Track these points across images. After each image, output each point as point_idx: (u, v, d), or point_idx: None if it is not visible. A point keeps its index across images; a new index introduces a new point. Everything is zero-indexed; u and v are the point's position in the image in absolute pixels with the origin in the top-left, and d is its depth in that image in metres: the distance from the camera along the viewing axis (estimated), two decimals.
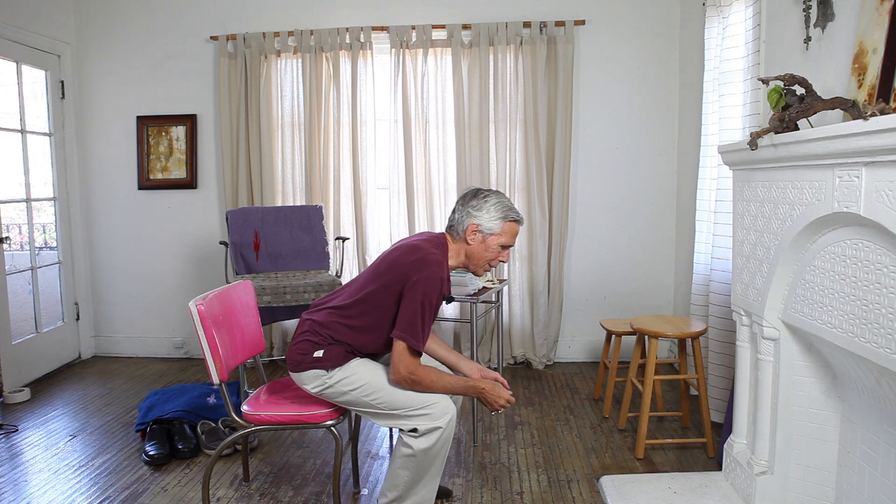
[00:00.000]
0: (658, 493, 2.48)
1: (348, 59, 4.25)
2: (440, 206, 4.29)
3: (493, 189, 2.32)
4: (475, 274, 2.33)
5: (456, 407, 2.23)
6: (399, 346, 2.08)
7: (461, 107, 4.17)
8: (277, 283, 3.48)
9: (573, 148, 4.26)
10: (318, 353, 2.17)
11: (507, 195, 4.21)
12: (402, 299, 2.10)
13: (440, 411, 2.11)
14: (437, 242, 2.26)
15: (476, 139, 4.16)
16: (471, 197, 2.25)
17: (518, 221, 2.28)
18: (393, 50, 4.19)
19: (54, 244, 4.54)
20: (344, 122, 4.28)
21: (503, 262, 2.32)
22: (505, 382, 2.30)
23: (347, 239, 4.23)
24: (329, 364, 2.17)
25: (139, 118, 4.52)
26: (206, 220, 4.57)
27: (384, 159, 4.38)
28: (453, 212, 2.29)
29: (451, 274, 3.12)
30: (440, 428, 2.09)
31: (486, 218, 2.21)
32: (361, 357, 2.24)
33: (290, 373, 2.24)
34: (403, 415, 2.12)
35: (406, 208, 4.28)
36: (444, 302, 2.30)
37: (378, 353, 2.28)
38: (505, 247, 2.27)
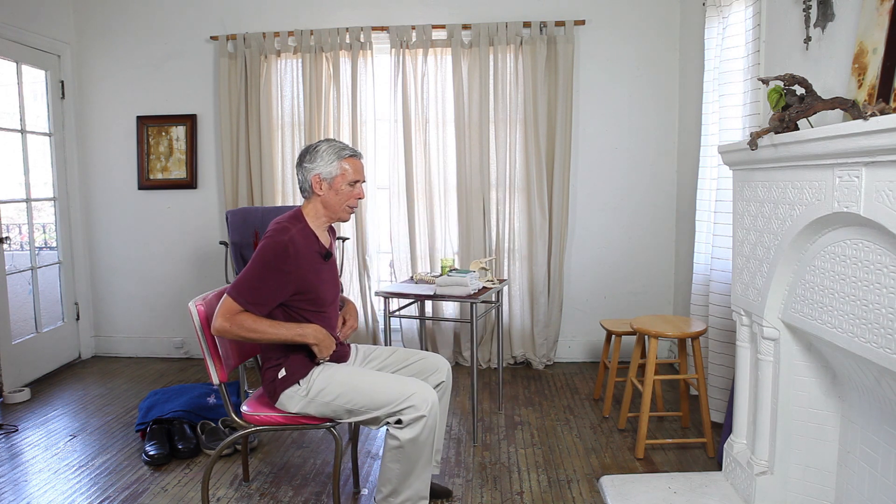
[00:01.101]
0: (658, 493, 2.48)
1: (348, 59, 4.25)
2: (440, 206, 4.29)
3: (324, 139, 2.37)
4: (342, 220, 2.36)
5: (445, 395, 2.27)
6: (224, 301, 2.10)
7: (461, 107, 4.17)
8: None
9: (573, 148, 4.26)
10: (282, 373, 2.20)
11: (507, 195, 4.22)
12: None
13: (421, 400, 2.13)
14: (290, 214, 2.29)
15: (476, 139, 4.16)
16: (303, 155, 2.28)
17: (356, 155, 2.30)
18: (393, 50, 4.19)
19: (54, 244, 4.54)
20: (344, 122, 4.28)
21: (361, 198, 2.33)
22: (338, 338, 2.34)
23: (347, 239, 4.23)
24: (297, 375, 2.19)
25: (139, 118, 4.52)
26: (206, 220, 4.57)
27: (384, 159, 4.38)
28: (297, 175, 2.32)
29: (447, 273, 3.14)
30: (423, 416, 2.11)
31: (322, 165, 2.23)
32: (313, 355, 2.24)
33: (276, 406, 2.25)
34: (386, 412, 2.14)
35: (406, 208, 4.28)
36: (324, 258, 2.29)
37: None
38: (353, 183, 2.28)
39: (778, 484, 2.29)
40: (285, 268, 2.12)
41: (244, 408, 2.29)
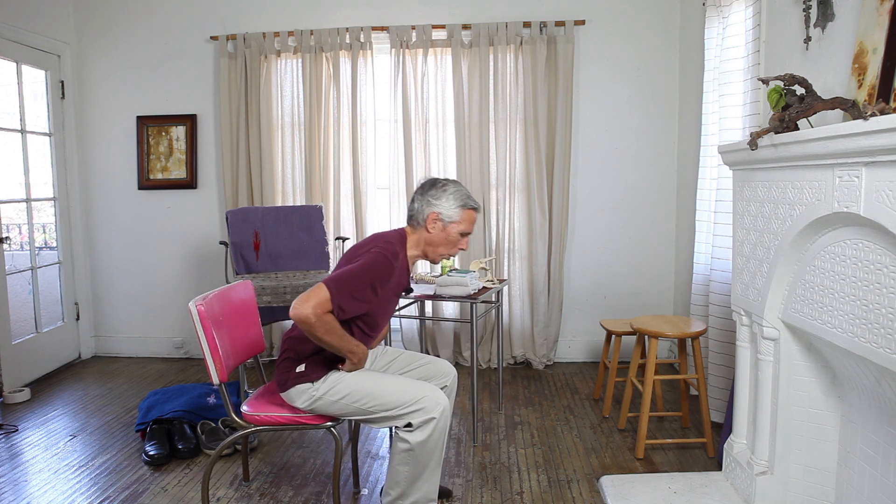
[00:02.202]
0: (658, 493, 2.48)
1: (348, 59, 4.25)
2: None
3: (451, 179, 2.36)
4: (433, 261, 2.36)
5: (449, 400, 2.24)
6: (321, 291, 2.00)
7: (461, 107, 4.17)
8: (277, 283, 3.48)
9: (573, 148, 4.26)
10: (300, 368, 2.18)
11: (507, 195, 4.22)
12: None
13: (432, 403, 2.12)
14: (396, 234, 2.30)
15: (476, 139, 4.16)
16: (429, 186, 2.29)
17: (476, 209, 2.32)
18: (393, 50, 4.19)
19: (54, 244, 4.54)
20: (344, 122, 4.28)
21: (462, 249, 2.35)
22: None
23: (347, 239, 4.23)
24: (314, 376, 2.18)
25: (139, 118, 4.52)
26: (206, 220, 4.57)
27: (384, 159, 4.38)
28: (412, 202, 2.32)
29: (447, 273, 3.15)
30: (434, 419, 2.11)
31: (446, 206, 2.25)
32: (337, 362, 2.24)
33: (281, 394, 2.24)
34: (396, 414, 2.13)
35: (406, 208, 4.27)
36: (402, 293, 2.31)
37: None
38: (464, 234, 2.30)
39: (778, 484, 2.29)
40: (380, 289, 2.13)
41: (244, 408, 2.29)
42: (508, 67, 4.16)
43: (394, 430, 2.20)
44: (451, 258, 2.37)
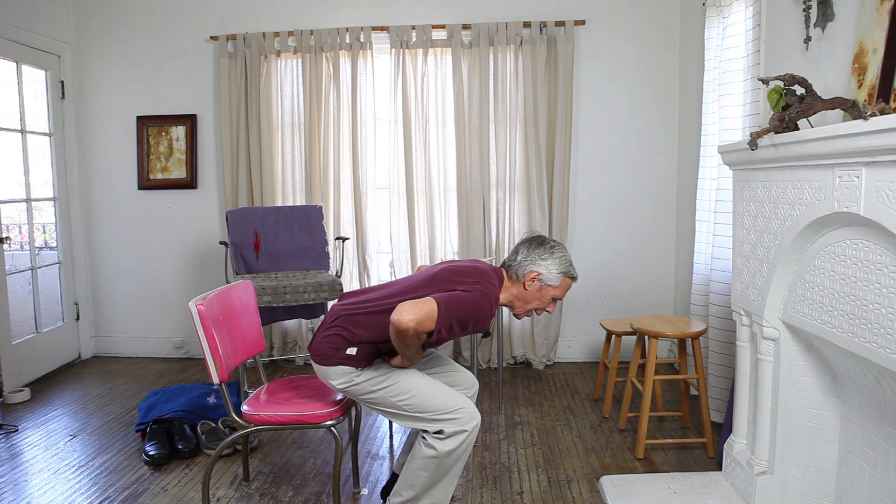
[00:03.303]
0: (658, 493, 2.48)
1: (348, 59, 4.25)
2: (440, 206, 4.29)
3: (558, 241, 2.35)
4: (516, 316, 2.33)
5: (479, 416, 2.22)
6: (431, 307, 1.97)
7: (461, 107, 4.17)
8: (277, 283, 3.48)
9: (573, 148, 4.26)
10: (352, 351, 2.13)
11: (507, 195, 4.22)
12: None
13: (468, 416, 2.12)
14: (498, 276, 2.26)
15: (476, 139, 4.16)
16: (537, 244, 2.26)
17: (574, 278, 2.30)
18: (393, 50, 4.19)
19: (54, 244, 4.54)
20: (344, 122, 4.28)
21: (549, 312, 2.34)
22: None
23: (347, 239, 4.23)
24: (362, 363, 2.15)
25: (139, 118, 4.52)
26: (206, 220, 4.57)
27: (384, 159, 4.38)
28: (515, 252, 2.28)
29: None
30: (466, 431, 2.11)
31: (550, 269, 2.22)
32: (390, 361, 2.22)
33: (315, 364, 2.19)
34: (430, 418, 2.12)
35: (406, 208, 4.28)
36: (481, 335, 2.29)
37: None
38: (555, 299, 2.29)
39: (778, 484, 2.29)
40: (471, 329, 2.11)
41: (244, 408, 2.29)
42: (508, 67, 4.16)
43: (419, 435, 2.17)
44: (528, 315, 2.36)
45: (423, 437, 2.14)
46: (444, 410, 2.11)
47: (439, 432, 2.11)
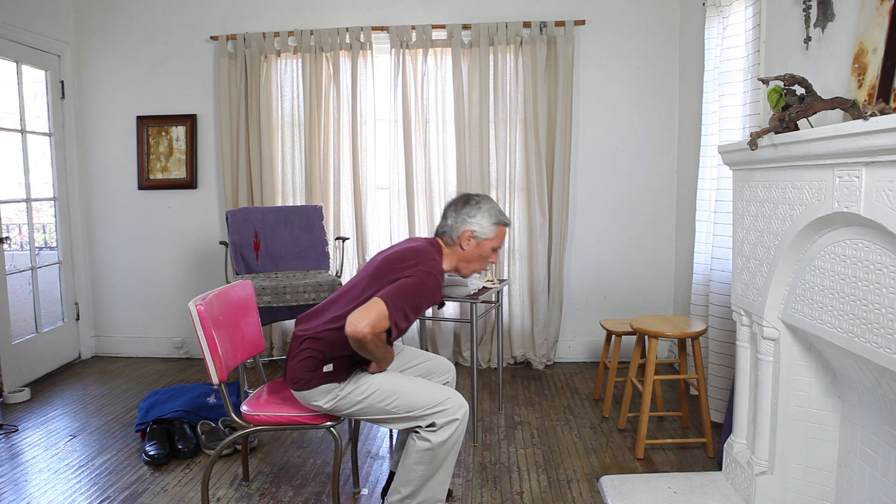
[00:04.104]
0: (658, 493, 2.48)
1: (348, 59, 4.25)
2: (440, 206, 4.28)
3: (482, 194, 2.38)
4: (464, 276, 2.39)
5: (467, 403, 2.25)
6: (379, 307, 1.98)
7: (461, 107, 4.17)
8: (277, 283, 3.48)
9: (573, 148, 4.26)
10: (328, 368, 2.15)
11: (507, 195, 4.22)
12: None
13: (456, 405, 2.15)
14: (436, 247, 2.30)
15: (476, 139, 4.16)
16: (463, 203, 2.30)
17: (507, 225, 2.35)
18: (393, 50, 4.19)
19: (54, 244, 4.54)
20: (344, 122, 4.28)
21: (493, 263, 2.37)
22: None
23: (347, 239, 4.23)
24: (342, 376, 2.17)
25: (139, 118, 4.52)
26: (206, 220, 4.57)
27: (384, 159, 4.38)
28: (444, 218, 2.32)
29: (448, 273, 3.14)
30: (457, 420, 2.14)
31: (482, 224, 2.26)
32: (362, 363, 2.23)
33: (296, 392, 2.20)
34: (420, 414, 2.14)
35: (406, 208, 4.28)
36: (435, 306, 2.32)
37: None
38: (495, 249, 2.33)
39: (778, 484, 2.29)
40: (425, 308, 2.14)
41: (244, 408, 2.29)
42: (508, 67, 4.16)
43: (413, 431, 2.19)
44: (476, 273, 2.39)
45: (416, 432, 2.16)
46: (432, 404, 2.14)
47: (431, 425, 2.13)
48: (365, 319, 1.97)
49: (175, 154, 4.53)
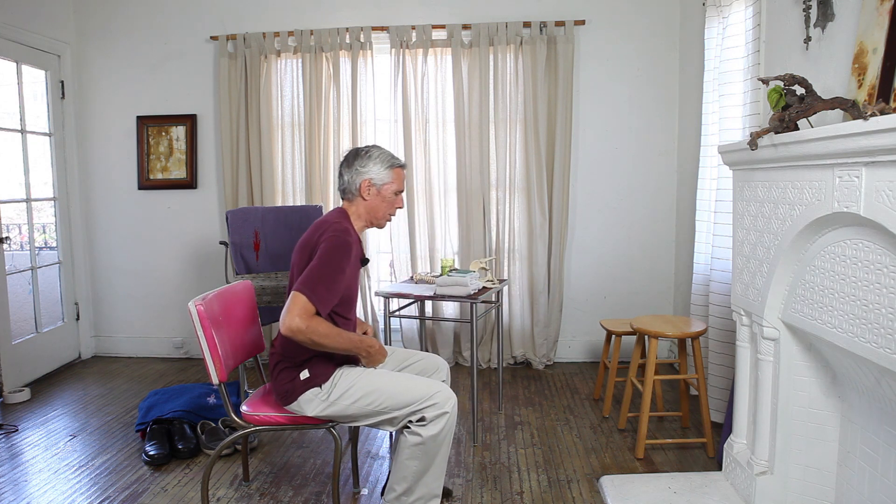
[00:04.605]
0: (658, 493, 2.48)
1: (348, 59, 4.25)
2: (440, 206, 4.29)
3: (371, 144, 2.42)
4: (379, 227, 2.41)
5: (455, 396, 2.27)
6: (298, 299, 2.00)
7: (461, 107, 4.17)
8: (277, 283, 3.48)
9: (573, 148, 4.26)
10: (305, 374, 2.17)
11: (507, 195, 4.22)
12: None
13: (444, 398, 2.15)
14: (337, 213, 2.32)
15: (476, 139, 4.16)
16: (353, 157, 2.33)
17: (403, 166, 2.39)
18: (393, 50, 4.19)
19: (54, 244, 4.54)
20: (344, 122, 4.28)
21: (399, 207, 2.41)
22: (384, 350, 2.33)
23: None
24: (320, 379, 2.18)
25: (139, 118, 4.52)
26: (206, 220, 4.57)
27: None
28: (340, 176, 2.34)
29: (448, 273, 3.15)
30: (447, 413, 2.14)
31: (376, 170, 2.30)
32: (340, 359, 2.24)
33: (287, 407, 2.22)
34: (411, 410, 2.14)
35: (406, 208, 4.27)
36: (360, 264, 2.32)
37: (342, 325, 2.28)
38: (398, 192, 2.37)
39: (778, 484, 2.29)
40: (347, 269, 2.15)
41: (244, 408, 2.29)
42: (508, 67, 4.16)
43: (403, 428, 2.19)
44: (389, 220, 2.43)
45: (407, 427, 2.17)
46: (420, 399, 2.14)
47: (421, 419, 2.14)
48: (289, 315, 1.99)
49: (175, 154, 4.53)
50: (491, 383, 4.01)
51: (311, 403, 2.18)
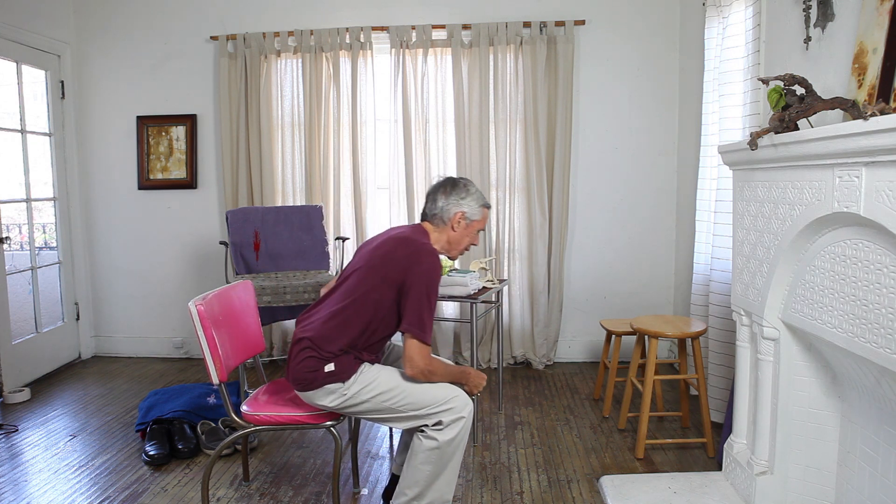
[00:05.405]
0: (658, 493, 2.48)
1: (348, 59, 4.25)
2: None
3: (466, 178, 2.47)
4: (451, 258, 2.45)
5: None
6: (412, 343, 2.09)
7: (461, 107, 4.17)
8: (277, 283, 3.48)
9: (573, 148, 4.26)
10: (330, 367, 2.13)
11: (507, 195, 4.23)
12: (405, 293, 2.12)
13: (462, 403, 2.16)
14: (421, 232, 2.34)
15: (476, 139, 4.16)
16: (452, 187, 2.36)
17: (489, 207, 2.47)
18: (393, 50, 4.19)
19: (54, 244, 4.54)
20: (344, 122, 4.28)
21: (475, 245, 2.47)
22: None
23: (347, 239, 4.23)
24: (344, 375, 2.15)
25: (139, 118, 4.52)
26: (206, 220, 4.57)
27: (384, 159, 4.38)
28: (433, 201, 2.36)
29: (448, 273, 3.15)
30: (464, 418, 2.15)
31: (470, 205, 2.35)
32: (367, 359, 2.23)
33: (300, 392, 2.19)
34: (427, 412, 2.14)
35: (406, 208, 4.28)
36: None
37: (379, 345, 2.27)
38: (479, 230, 2.43)
39: (778, 484, 2.29)
40: (437, 289, 2.21)
41: (244, 408, 2.29)
42: (508, 67, 4.16)
43: (418, 431, 2.18)
44: (462, 253, 2.48)
45: (422, 431, 2.15)
46: (439, 402, 2.14)
47: (438, 423, 2.13)
48: (415, 360, 2.09)
49: (175, 154, 4.53)
50: (491, 383, 4.00)
51: (330, 396, 2.14)
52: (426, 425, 2.15)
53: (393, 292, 2.15)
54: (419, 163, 4.26)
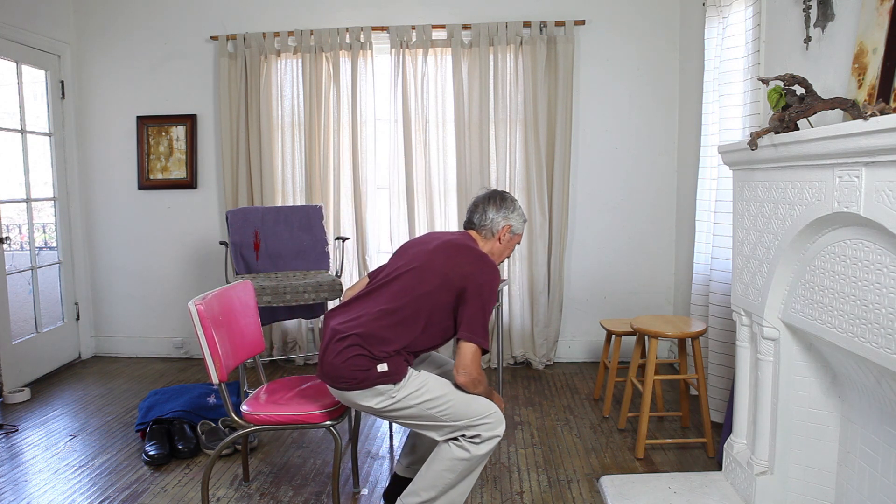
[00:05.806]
0: (658, 493, 2.48)
1: (348, 59, 4.25)
2: (440, 206, 4.29)
3: (508, 192, 2.51)
4: None
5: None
6: (470, 348, 2.10)
7: (461, 107, 4.17)
8: (277, 283, 3.48)
9: (573, 148, 4.26)
10: (383, 368, 2.07)
11: None
12: (464, 300, 2.13)
13: (498, 420, 2.17)
14: (471, 240, 2.38)
15: (476, 139, 4.16)
16: (501, 201, 2.42)
17: (526, 221, 2.57)
18: (393, 50, 4.19)
19: (54, 244, 4.54)
20: (344, 122, 4.28)
21: (508, 257, 2.57)
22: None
23: (347, 239, 4.23)
24: (397, 377, 2.09)
25: (139, 118, 4.52)
26: (206, 220, 4.57)
27: (384, 159, 4.38)
28: (485, 213, 2.39)
29: None
30: (498, 436, 2.16)
31: (516, 220, 2.42)
32: (415, 360, 2.24)
33: (345, 392, 2.11)
34: (467, 424, 2.12)
35: (406, 208, 4.28)
36: None
37: (429, 349, 2.26)
38: (518, 243, 2.50)
39: (778, 484, 2.29)
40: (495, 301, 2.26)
41: (244, 407, 2.29)
42: (508, 67, 4.16)
43: (448, 439, 2.16)
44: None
45: (456, 440, 2.13)
46: (481, 415, 2.13)
47: (476, 436, 2.12)
48: (470, 367, 2.11)
49: (175, 154, 4.53)
50: (491, 383, 4.00)
51: (379, 397, 2.09)
52: (463, 436, 2.13)
53: (451, 297, 2.14)
54: (419, 163, 4.26)
